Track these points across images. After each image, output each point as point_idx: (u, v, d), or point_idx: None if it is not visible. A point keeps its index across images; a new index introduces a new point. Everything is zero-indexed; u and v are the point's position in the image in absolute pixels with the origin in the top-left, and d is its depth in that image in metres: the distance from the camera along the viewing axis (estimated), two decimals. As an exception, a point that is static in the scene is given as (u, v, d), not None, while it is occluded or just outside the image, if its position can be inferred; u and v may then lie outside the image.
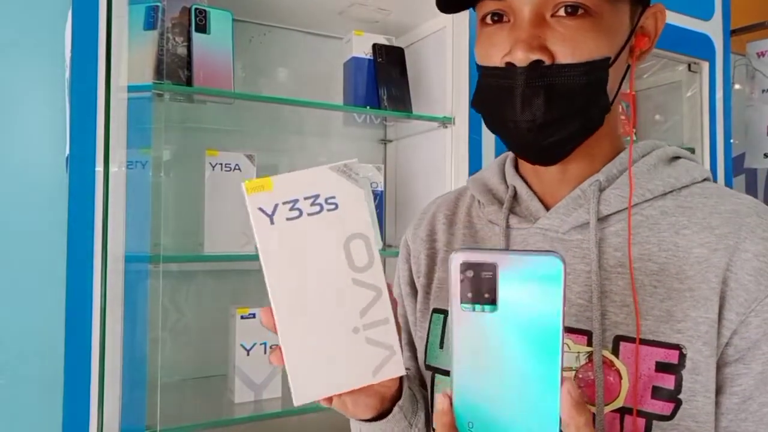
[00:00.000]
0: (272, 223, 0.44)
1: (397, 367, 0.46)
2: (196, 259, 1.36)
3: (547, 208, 0.63)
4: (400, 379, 0.57)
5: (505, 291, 0.40)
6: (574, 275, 0.59)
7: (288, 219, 0.44)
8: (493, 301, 0.40)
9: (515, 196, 0.65)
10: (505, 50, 0.55)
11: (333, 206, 0.45)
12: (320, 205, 0.45)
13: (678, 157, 0.62)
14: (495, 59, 0.56)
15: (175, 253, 1.34)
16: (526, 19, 0.54)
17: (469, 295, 0.41)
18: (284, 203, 0.44)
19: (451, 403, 0.42)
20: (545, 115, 0.54)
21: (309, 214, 0.44)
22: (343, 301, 0.45)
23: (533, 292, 0.40)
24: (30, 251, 1.28)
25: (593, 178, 0.60)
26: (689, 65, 1.87)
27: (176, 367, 1.40)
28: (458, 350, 0.42)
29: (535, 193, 0.64)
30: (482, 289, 0.40)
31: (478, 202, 0.70)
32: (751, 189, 2.42)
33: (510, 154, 0.70)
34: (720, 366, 0.53)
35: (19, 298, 1.27)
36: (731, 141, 1.91)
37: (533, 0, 0.54)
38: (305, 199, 0.44)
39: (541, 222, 0.62)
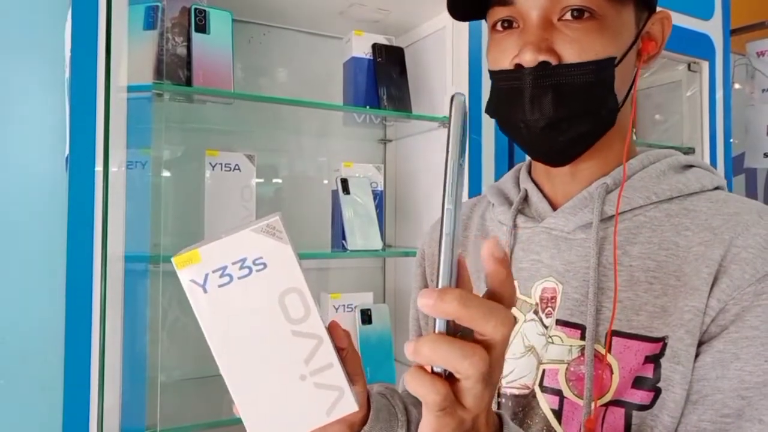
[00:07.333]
0: (205, 292, 0.47)
1: (348, 404, 0.48)
2: (196, 259, 1.36)
3: (556, 209, 0.64)
4: (368, 406, 0.58)
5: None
6: (573, 271, 0.60)
7: (219, 286, 0.47)
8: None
9: (526, 198, 0.68)
10: (515, 54, 0.57)
11: (261, 266, 0.47)
12: (249, 267, 0.47)
13: (691, 166, 0.63)
14: (505, 63, 0.58)
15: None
16: (534, 23, 0.56)
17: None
18: (214, 272, 0.47)
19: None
20: (554, 114, 0.56)
21: (239, 278, 0.47)
22: (285, 353, 0.47)
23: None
24: (30, 251, 1.28)
25: (601, 181, 0.61)
26: (689, 65, 1.87)
27: (176, 367, 1.40)
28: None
29: (545, 195, 0.66)
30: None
31: (492, 204, 0.72)
32: (751, 189, 2.42)
33: (526, 162, 0.72)
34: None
35: (19, 298, 1.27)
36: (731, 141, 1.91)
37: (540, 5, 0.56)
38: (233, 264, 0.47)
39: (547, 221, 0.63)
